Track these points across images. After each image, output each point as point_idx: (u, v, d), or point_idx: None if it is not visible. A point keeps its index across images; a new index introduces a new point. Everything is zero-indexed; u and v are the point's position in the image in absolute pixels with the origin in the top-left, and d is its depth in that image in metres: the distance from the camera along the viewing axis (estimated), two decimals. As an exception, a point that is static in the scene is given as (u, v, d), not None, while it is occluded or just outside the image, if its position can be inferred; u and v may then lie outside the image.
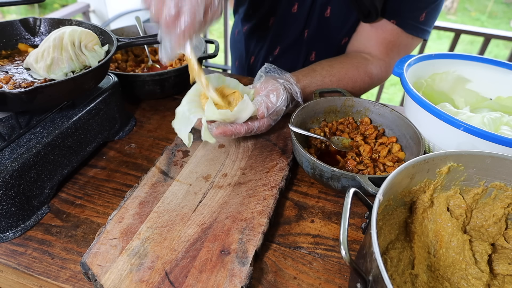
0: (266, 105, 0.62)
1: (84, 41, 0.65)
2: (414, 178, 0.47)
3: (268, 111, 0.63)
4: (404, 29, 0.83)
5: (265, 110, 0.62)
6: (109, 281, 0.46)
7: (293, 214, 0.60)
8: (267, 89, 0.65)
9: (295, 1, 0.91)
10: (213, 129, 0.61)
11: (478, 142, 0.55)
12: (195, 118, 0.59)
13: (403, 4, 0.80)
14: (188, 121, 0.59)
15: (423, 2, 0.80)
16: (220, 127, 0.60)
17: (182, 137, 0.59)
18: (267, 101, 0.63)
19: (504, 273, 0.47)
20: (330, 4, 0.89)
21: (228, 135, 0.62)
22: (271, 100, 0.63)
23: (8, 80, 0.60)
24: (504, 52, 4.17)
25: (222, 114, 0.59)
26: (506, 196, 0.49)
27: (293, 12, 0.92)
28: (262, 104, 0.62)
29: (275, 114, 0.65)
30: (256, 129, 0.64)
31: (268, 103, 0.63)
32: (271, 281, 0.50)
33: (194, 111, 0.60)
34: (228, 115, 0.59)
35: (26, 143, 0.56)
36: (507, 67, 0.73)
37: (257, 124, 0.64)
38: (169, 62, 0.67)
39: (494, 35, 2.00)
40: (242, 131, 0.62)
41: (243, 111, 0.60)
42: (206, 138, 0.59)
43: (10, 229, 0.54)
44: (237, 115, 0.60)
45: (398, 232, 0.49)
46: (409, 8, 0.81)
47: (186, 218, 0.55)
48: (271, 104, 0.63)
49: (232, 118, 0.60)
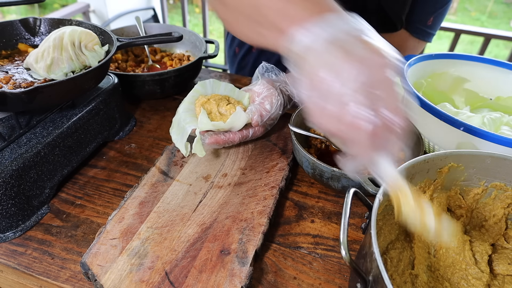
0: (260, 113, 0.62)
1: (84, 41, 0.65)
2: (414, 178, 0.47)
3: (262, 119, 0.63)
4: (412, 33, 0.83)
5: (258, 118, 0.62)
6: (109, 281, 0.46)
7: (293, 214, 0.60)
8: (262, 95, 0.65)
9: None
10: (206, 139, 0.60)
11: (478, 142, 0.55)
12: (190, 128, 0.60)
13: (412, 9, 0.80)
14: (183, 131, 0.61)
15: (432, 7, 0.80)
16: (212, 137, 0.60)
17: (179, 147, 0.60)
18: (260, 109, 0.63)
19: (504, 273, 0.47)
20: None
21: (221, 144, 0.62)
22: (265, 108, 0.63)
23: (8, 80, 0.60)
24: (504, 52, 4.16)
25: (215, 125, 0.59)
26: (506, 196, 0.49)
27: None
28: (256, 113, 0.62)
29: (270, 119, 0.65)
30: (250, 136, 0.64)
31: (262, 111, 0.63)
32: (271, 281, 0.50)
33: (189, 121, 0.61)
34: (222, 126, 0.60)
35: (26, 143, 0.56)
36: (507, 67, 0.73)
37: (251, 132, 0.64)
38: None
39: (494, 35, 2.00)
40: (236, 139, 0.62)
41: (236, 122, 0.61)
42: (196, 151, 0.59)
43: (10, 229, 0.54)
44: (230, 125, 0.61)
45: (398, 232, 0.49)
46: (418, 13, 0.81)
47: (186, 218, 0.55)
48: (265, 112, 0.63)
49: (226, 128, 0.61)
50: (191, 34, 0.98)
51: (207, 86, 0.67)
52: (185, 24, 2.73)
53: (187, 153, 0.61)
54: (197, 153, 0.59)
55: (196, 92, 0.66)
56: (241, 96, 0.68)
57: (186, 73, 0.85)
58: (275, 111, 0.64)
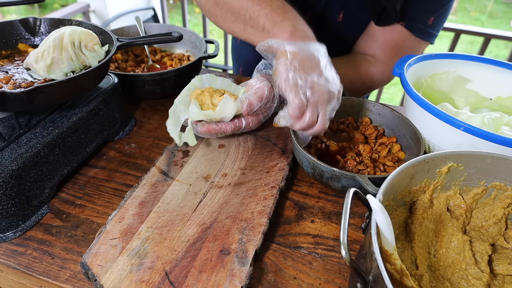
0: (249, 102, 0.61)
1: (84, 41, 0.65)
2: (414, 178, 0.47)
3: (252, 108, 0.61)
4: (412, 31, 0.83)
5: (247, 107, 0.61)
6: (109, 281, 0.46)
7: (293, 214, 0.60)
8: (254, 87, 0.64)
9: (308, 9, 0.89)
10: (198, 128, 0.62)
11: (478, 142, 0.55)
12: (183, 118, 0.61)
13: (412, 6, 0.80)
14: (177, 120, 0.62)
15: (432, 6, 0.80)
16: (204, 126, 0.62)
17: (173, 137, 0.62)
18: (250, 98, 0.62)
19: (504, 273, 0.47)
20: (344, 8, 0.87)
21: (213, 134, 0.62)
22: (255, 97, 0.62)
23: (8, 80, 0.60)
24: (504, 52, 4.17)
25: (205, 114, 0.60)
26: (506, 196, 0.49)
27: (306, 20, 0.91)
28: (245, 102, 0.61)
29: (265, 110, 0.64)
30: (244, 126, 0.64)
31: (252, 100, 0.62)
32: (271, 281, 0.50)
33: (183, 111, 0.62)
34: (212, 115, 0.60)
35: (26, 143, 0.56)
36: (507, 67, 0.73)
37: (244, 122, 0.64)
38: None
39: (494, 35, 2.00)
40: (228, 129, 0.63)
41: (225, 110, 0.61)
42: (187, 140, 0.61)
43: (10, 229, 0.54)
44: (220, 114, 0.61)
45: (398, 232, 0.49)
46: (418, 11, 0.81)
47: (186, 218, 0.55)
48: (255, 101, 0.62)
49: (217, 117, 0.61)
50: (191, 34, 0.98)
51: (203, 80, 0.67)
52: (185, 24, 2.73)
53: (181, 142, 0.62)
54: (188, 142, 0.61)
55: (192, 85, 0.66)
56: (237, 90, 0.68)
57: (186, 73, 0.85)
58: (268, 102, 0.63)
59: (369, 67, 0.86)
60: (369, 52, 0.89)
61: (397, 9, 0.78)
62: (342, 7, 0.87)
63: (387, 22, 0.82)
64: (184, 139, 0.61)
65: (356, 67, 0.84)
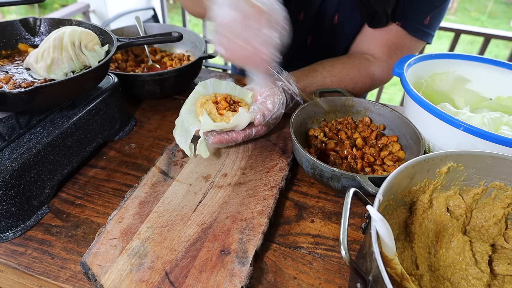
0: (262, 113, 0.63)
1: (84, 41, 0.65)
2: (414, 178, 0.47)
3: (265, 118, 0.63)
4: (408, 31, 0.83)
5: (261, 118, 0.63)
6: (109, 281, 0.46)
7: (293, 214, 0.60)
8: (264, 95, 0.65)
9: (301, 9, 0.90)
10: (210, 139, 0.61)
11: (478, 142, 0.55)
12: (193, 129, 0.60)
13: (408, 6, 0.80)
14: (187, 132, 0.61)
15: (428, 5, 0.80)
16: (216, 136, 0.62)
17: (184, 149, 0.61)
18: (263, 108, 0.63)
19: (504, 273, 0.47)
20: (338, 10, 0.88)
21: (224, 143, 0.63)
22: (268, 107, 0.64)
23: (8, 80, 0.60)
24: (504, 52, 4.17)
25: (218, 126, 0.60)
26: (506, 196, 0.49)
27: (299, 21, 0.92)
28: (259, 113, 0.63)
29: (273, 118, 0.65)
30: (253, 135, 0.65)
31: (264, 110, 0.63)
32: (271, 281, 0.50)
33: (192, 122, 0.61)
34: (224, 127, 0.60)
35: (26, 143, 0.56)
36: (507, 67, 0.73)
37: (254, 131, 0.65)
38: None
39: (494, 35, 2.00)
40: (239, 138, 0.63)
41: (240, 122, 0.61)
42: (200, 152, 0.60)
43: (10, 229, 0.54)
44: (233, 126, 0.61)
45: (398, 232, 0.49)
46: (414, 11, 0.81)
47: (186, 218, 0.55)
48: (267, 111, 0.63)
49: (229, 129, 0.61)
50: (191, 34, 0.98)
51: (208, 86, 0.67)
52: (185, 24, 2.73)
53: (192, 154, 0.61)
54: (201, 154, 0.60)
55: (197, 93, 0.66)
56: (242, 93, 0.68)
57: (186, 73, 0.85)
58: (278, 110, 0.64)
59: (370, 66, 0.86)
60: (367, 52, 0.89)
61: (388, 13, 0.78)
62: (336, 9, 0.88)
63: (379, 24, 0.83)
64: (196, 150, 0.60)
65: (357, 66, 0.85)
